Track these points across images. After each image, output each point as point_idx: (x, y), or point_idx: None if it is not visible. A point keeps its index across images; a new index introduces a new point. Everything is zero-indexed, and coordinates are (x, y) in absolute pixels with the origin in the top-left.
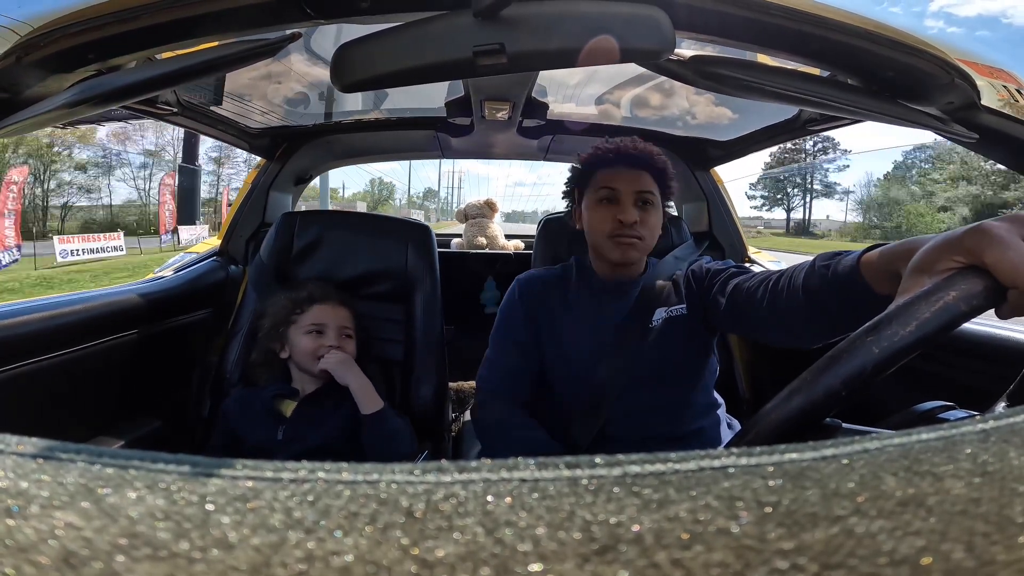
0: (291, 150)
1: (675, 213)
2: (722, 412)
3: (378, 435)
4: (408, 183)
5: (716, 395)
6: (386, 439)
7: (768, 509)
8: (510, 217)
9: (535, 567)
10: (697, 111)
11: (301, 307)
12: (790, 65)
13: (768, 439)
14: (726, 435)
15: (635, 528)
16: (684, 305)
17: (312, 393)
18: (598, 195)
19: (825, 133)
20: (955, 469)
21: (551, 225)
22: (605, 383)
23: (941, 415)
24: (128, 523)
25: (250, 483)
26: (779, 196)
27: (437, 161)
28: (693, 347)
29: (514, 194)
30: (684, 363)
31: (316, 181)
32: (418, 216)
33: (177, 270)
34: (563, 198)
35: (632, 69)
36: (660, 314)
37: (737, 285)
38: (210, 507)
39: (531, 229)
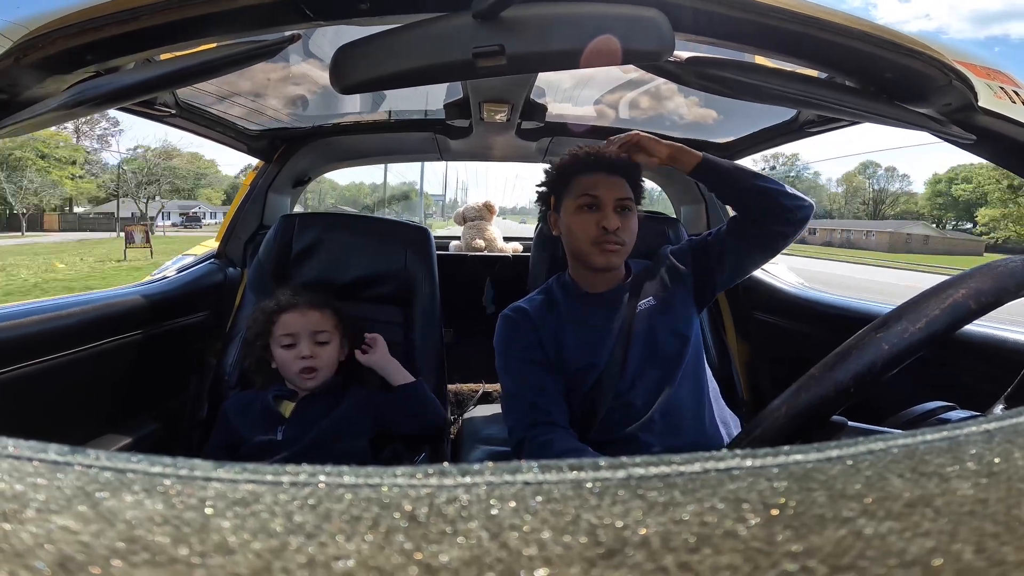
0: (289, 152)
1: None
2: (716, 395)
3: (413, 400)
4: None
5: (712, 382)
6: (421, 404)
7: (775, 511)
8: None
9: (540, 572)
10: (694, 112)
11: (272, 319)
12: (788, 67)
13: (776, 434)
14: (717, 421)
15: (641, 531)
16: (671, 289)
17: (310, 394)
18: (579, 202)
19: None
20: (961, 470)
21: (549, 231)
22: (605, 387)
23: (943, 415)
24: (126, 527)
25: (250, 487)
26: None
27: (441, 164)
28: (681, 324)
29: (515, 187)
30: (676, 343)
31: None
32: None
33: (176, 272)
34: (537, 202)
35: (630, 71)
36: (649, 302)
37: (710, 241)
38: (209, 511)
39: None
